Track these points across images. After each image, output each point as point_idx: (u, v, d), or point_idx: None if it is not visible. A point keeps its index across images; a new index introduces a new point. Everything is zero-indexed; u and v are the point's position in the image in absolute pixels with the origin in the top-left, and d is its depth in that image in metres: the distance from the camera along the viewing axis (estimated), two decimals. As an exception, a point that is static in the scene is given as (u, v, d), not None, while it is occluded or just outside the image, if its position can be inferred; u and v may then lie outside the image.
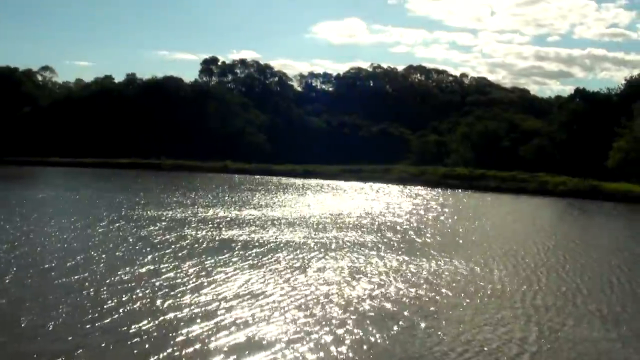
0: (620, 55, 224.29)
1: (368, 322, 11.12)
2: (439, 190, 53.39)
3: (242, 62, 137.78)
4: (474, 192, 52.41)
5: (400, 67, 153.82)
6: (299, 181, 59.44)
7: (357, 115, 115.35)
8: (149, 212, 25.82)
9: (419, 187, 56.27)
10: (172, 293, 12.47)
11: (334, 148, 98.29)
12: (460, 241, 21.61)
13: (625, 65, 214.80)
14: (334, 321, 11.06)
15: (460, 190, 53.84)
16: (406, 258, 17.55)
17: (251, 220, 24.46)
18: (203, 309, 11.47)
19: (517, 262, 17.89)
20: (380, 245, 19.64)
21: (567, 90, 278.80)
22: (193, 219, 24.07)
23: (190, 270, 14.64)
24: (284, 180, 60.71)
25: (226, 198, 35.05)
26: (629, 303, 13.60)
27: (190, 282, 13.54)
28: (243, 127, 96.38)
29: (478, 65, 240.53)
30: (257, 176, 65.16)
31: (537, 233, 25.20)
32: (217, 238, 19.71)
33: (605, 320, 12.04)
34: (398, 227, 24.66)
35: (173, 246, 17.76)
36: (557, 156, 71.38)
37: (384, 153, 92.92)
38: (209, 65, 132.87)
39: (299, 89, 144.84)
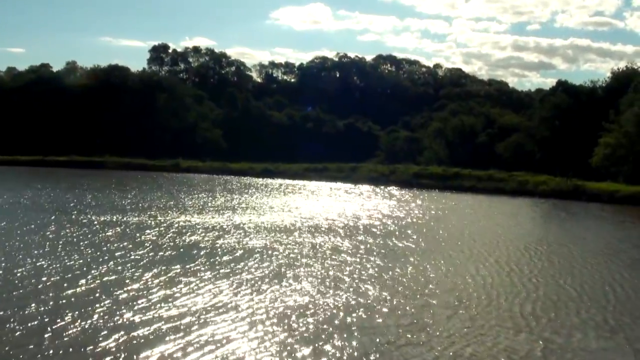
0: (605, 45, 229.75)
1: (350, 334, 11.13)
2: (411, 190, 53.90)
3: (196, 50, 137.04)
4: (448, 193, 53.09)
5: (369, 57, 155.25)
6: (259, 181, 59.27)
7: (321, 109, 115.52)
8: (100, 216, 25.42)
9: (389, 187, 56.72)
10: (135, 306, 12.26)
11: (296, 145, 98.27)
12: (444, 247, 21.81)
13: (611, 56, 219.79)
14: (314, 335, 11.02)
15: (433, 191, 54.50)
16: (387, 265, 17.64)
17: (215, 225, 24.28)
18: (171, 324, 11.28)
19: (509, 269, 18.12)
20: (358, 251, 19.71)
21: (548, 82, 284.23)
22: (151, 224, 23.77)
23: (154, 281, 14.42)
24: (244, 180, 60.43)
25: (184, 200, 34.75)
26: (632, 311, 13.85)
27: (155, 293, 13.32)
28: (196, 121, 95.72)
29: (452, 56, 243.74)
30: (213, 175, 64.69)
31: (524, 237, 25.58)
32: (180, 244, 19.51)
33: (606, 330, 12.24)
34: (374, 230, 24.78)
35: (132, 254, 17.50)
36: (537, 154, 72.83)
37: (351, 150, 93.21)
38: (158, 53, 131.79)
39: (259, 79, 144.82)
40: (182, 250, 18.62)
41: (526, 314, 13.18)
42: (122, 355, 9.70)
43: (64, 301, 12.48)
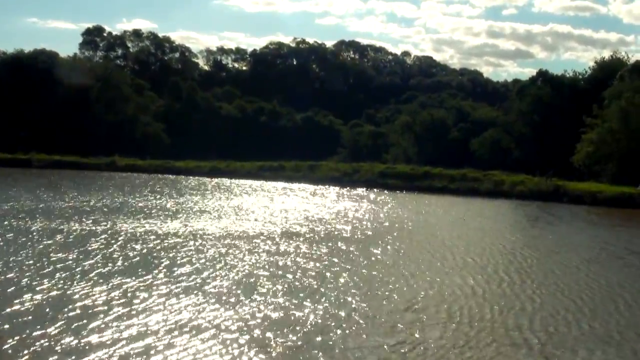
0: (587, 32, 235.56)
1: (333, 355, 11.12)
2: (376, 191, 54.21)
3: (135, 33, 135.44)
4: (418, 194, 53.60)
5: (329, 43, 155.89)
6: (208, 181, 58.87)
7: (277, 101, 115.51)
8: (39, 222, 24.92)
9: (353, 187, 56.97)
10: (89, 326, 11.98)
11: (249, 140, 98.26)
12: (425, 255, 21.99)
13: (594, 44, 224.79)
14: (293, 356, 11.01)
15: (400, 192, 54.95)
16: (366, 275, 17.71)
17: (168, 232, 24.00)
18: (130, 347, 11.08)
19: (499, 278, 18.38)
20: (332, 259, 19.71)
21: (526, 73, 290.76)
22: (97, 231, 23.38)
23: (108, 296, 14.12)
24: (190, 180, 59.97)
25: (129, 203, 34.31)
26: (637, 325, 14.17)
27: (109, 312, 13.04)
28: (135, 114, 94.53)
29: (421, 42, 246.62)
30: (156, 175, 64.02)
31: (510, 242, 25.96)
32: (131, 254, 19.20)
33: (613, 345, 12.52)
34: (345, 236, 24.83)
35: (81, 265, 17.11)
36: (515, 151, 74.14)
37: (310, 147, 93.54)
38: (92, 36, 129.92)
39: (206, 67, 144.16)
40: (134, 260, 18.35)
41: (524, 328, 13.32)
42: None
43: (5, 321, 12.15)
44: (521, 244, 25.62)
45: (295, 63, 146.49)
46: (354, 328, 12.72)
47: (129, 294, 14.48)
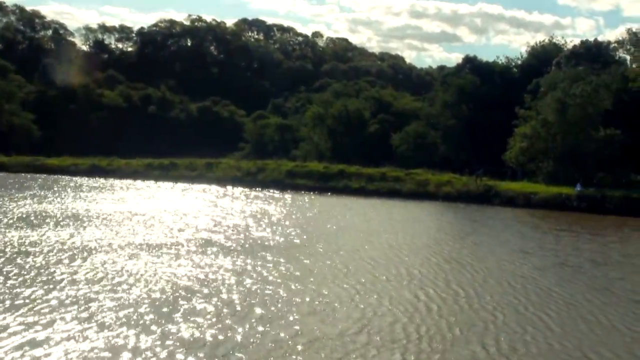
0: (519, 14, 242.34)
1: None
2: (284, 192, 54.18)
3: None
4: (332, 196, 53.69)
5: (230, 22, 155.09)
6: (86, 181, 57.69)
7: (168, 88, 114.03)
8: None
9: (257, 188, 57.04)
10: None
11: (135, 134, 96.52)
12: (366, 268, 21.74)
13: (527, 27, 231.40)
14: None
15: (312, 193, 55.10)
16: (302, 290, 17.31)
17: (56, 245, 22.95)
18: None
19: (454, 292, 18.37)
20: (249, 277, 19.32)
21: (452, 58, 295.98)
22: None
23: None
24: (65, 180, 58.44)
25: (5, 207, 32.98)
26: (609, 342, 14.31)
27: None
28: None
29: (335, 22, 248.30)
30: (26, 175, 62.12)
31: (456, 251, 26.13)
32: (21, 274, 18.20)
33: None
34: (255, 247, 24.59)
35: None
36: (440, 147, 75.02)
37: (207, 141, 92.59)
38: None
39: (84, 48, 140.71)
40: (24, 281, 17.37)
41: (491, 350, 13.30)
42: None
43: None
44: (466, 252, 25.85)
45: (189, 44, 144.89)
46: (300, 355, 12.42)
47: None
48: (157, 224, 29.93)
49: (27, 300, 15.15)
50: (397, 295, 17.56)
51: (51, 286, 16.66)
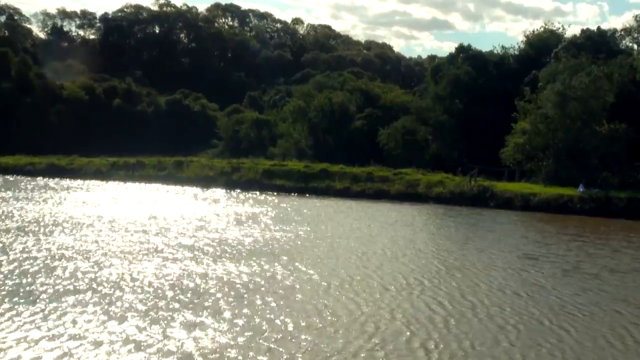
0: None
1: None
2: (263, 195, 54.04)
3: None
4: (314, 198, 53.68)
5: (202, 7, 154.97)
6: (43, 182, 57.41)
7: (135, 79, 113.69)
8: None
9: (231, 189, 57.02)
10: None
11: (98, 130, 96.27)
12: (365, 273, 21.77)
13: (525, 13, 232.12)
14: None
15: (291, 195, 55.17)
16: (270, 316, 16.98)
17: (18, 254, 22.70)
18: None
19: (470, 303, 18.25)
20: (234, 286, 19.11)
21: (444, 48, 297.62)
22: None
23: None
24: (19, 180, 58.01)
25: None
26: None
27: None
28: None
29: (316, 8, 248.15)
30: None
31: (462, 259, 25.92)
32: None
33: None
34: (254, 250, 24.48)
35: None
36: (432, 144, 74.99)
37: (177, 138, 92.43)
38: None
39: (42, 35, 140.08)
40: None
41: None
42: None
43: None
44: (473, 260, 25.69)
45: (157, 32, 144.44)
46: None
47: None
48: (122, 230, 29.62)
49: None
50: (406, 305, 17.60)
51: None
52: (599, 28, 79.84)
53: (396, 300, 18.25)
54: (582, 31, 79.25)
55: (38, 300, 16.52)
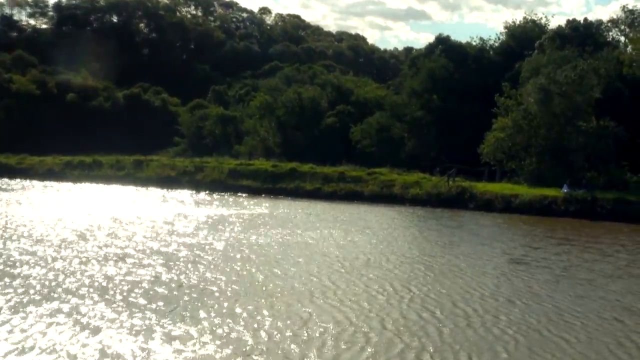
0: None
1: None
2: (227, 195, 54.25)
3: None
4: (283, 199, 53.78)
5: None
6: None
7: (90, 72, 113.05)
8: None
9: (194, 190, 57.11)
10: None
11: (50, 126, 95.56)
12: (360, 283, 21.58)
13: (505, 3, 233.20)
14: None
15: (258, 196, 55.14)
16: (254, 326, 16.82)
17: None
18: None
19: (465, 313, 18.18)
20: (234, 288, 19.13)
21: (421, 39, 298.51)
22: None
23: None
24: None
25: None
26: None
27: None
28: None
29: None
30: None
31: (449, 264, 25.89)
32: None
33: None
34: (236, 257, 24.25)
35: None
36: (408, 142, 75.06)
37: (136, 135, 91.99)
38: None
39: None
40: None
41: None
42: None
43: None
44: (461, 265, 25.66)
45: (115, 21, 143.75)
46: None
47: None
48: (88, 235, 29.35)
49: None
50: (404, 317, 17.44)
51: None
52: (585, 19, 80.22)
53: (385, 309, 18.18)
54: (568, 22, 79.47)
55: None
